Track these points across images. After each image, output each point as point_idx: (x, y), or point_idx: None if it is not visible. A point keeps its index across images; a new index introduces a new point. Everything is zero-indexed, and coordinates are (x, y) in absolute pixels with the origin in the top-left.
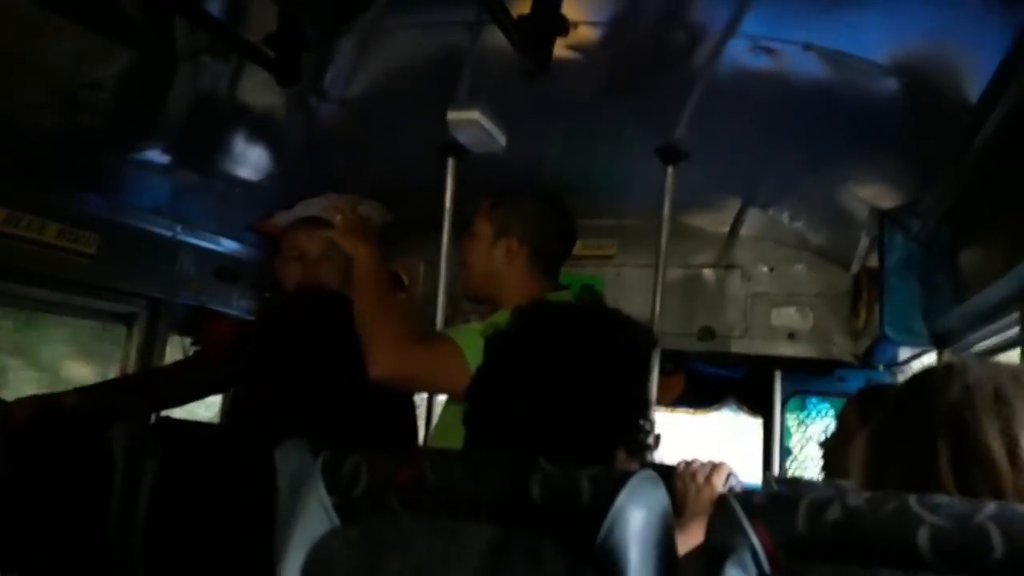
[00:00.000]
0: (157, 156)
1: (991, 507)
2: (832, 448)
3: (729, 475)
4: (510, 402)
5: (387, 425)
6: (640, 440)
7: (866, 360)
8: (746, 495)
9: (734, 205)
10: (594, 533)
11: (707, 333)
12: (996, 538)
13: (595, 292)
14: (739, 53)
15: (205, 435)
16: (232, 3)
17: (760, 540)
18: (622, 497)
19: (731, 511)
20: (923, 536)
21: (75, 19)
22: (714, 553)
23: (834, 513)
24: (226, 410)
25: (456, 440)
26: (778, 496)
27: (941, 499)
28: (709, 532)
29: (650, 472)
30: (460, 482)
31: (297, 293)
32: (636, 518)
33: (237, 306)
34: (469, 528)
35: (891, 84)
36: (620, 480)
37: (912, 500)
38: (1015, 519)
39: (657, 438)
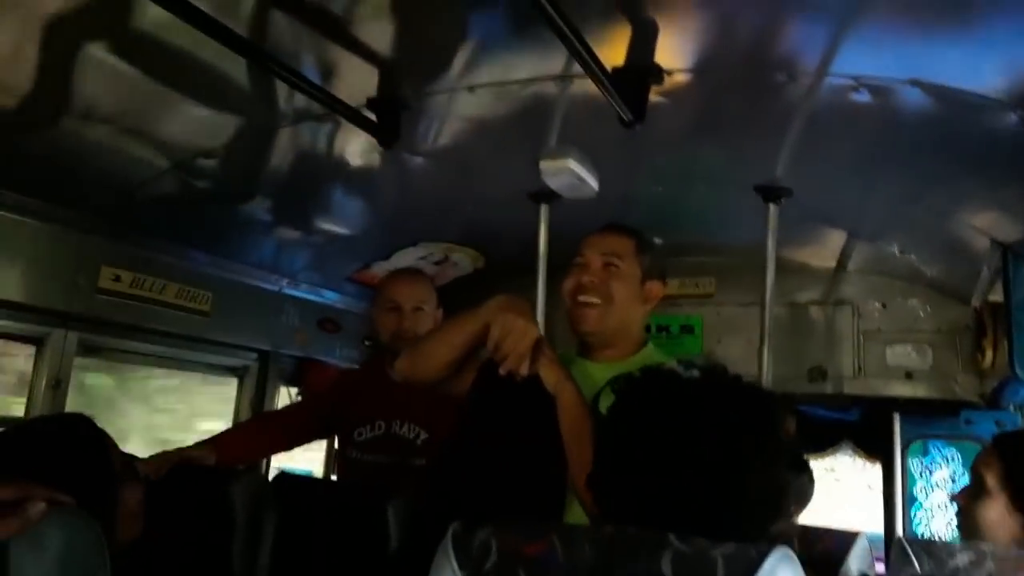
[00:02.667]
0: (261, 214)
1: None
2: (967, 503)
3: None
4: (639, 483)
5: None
6: (776, 514)
7: (994, 401)
8: None
9: (839, 239)
10: None
11: (818, 374)
12: None
13: (718, 362)
14: (840, 90)
15: (320, 490)
16: (329, 68)
17: None
18: None
19: None
20: None
21: (192, 93)
22: None
23: None
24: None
25: None
26: None
27: None
28: None
29: (785, 550)
30: (590, 558)
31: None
32: None
33: (340, 355)
34: None
35: (1007, 117)
36: (755, 560)
37: None
38: None
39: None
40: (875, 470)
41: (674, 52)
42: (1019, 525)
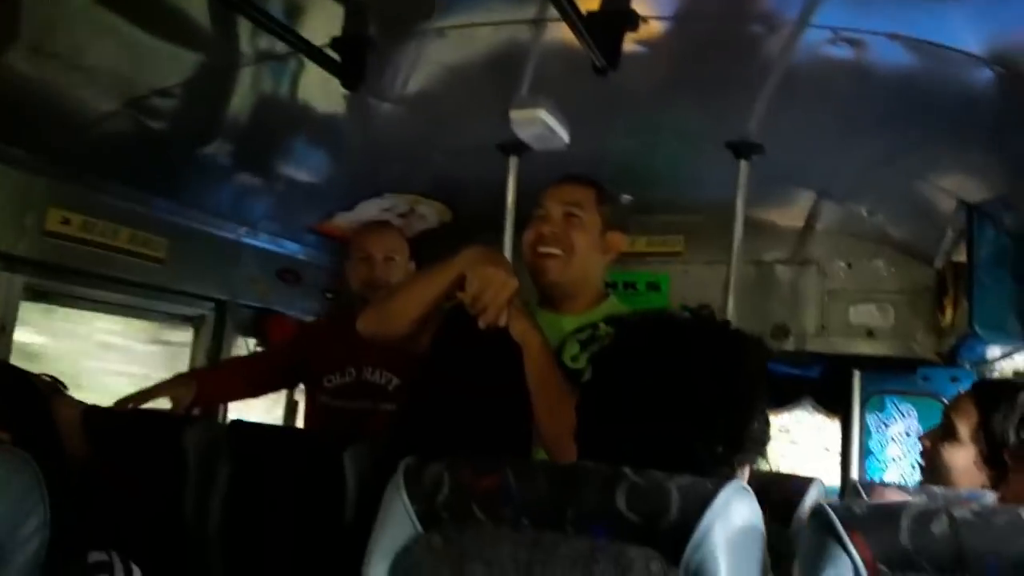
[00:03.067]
0: (220, 158)
1: None
2: (933, 446)
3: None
4: (623, 426)
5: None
6: (755, 455)
7: (951, 358)
8: (845, 506)
9: (808, 198)
10: (683, 544)
11: (781, 331)
12: None
13: (706, 307)
14: (819, 44)
15: (276, 437)
16: (294, 6)
17: (859, 552)
18: (712, 510)
19: (828, 522)
20: None
21: (147, 28)
22: (809, 563)
23: (940, 526)
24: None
25: None
26: (880, 508)
27: None
28: (805, 542)
29: (740, 483)
30: (544, 492)
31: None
32: (726, 530)
33: (300, 307)
34: (554, 537)
35: (984, 75)
36: (710, 492)
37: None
38: None
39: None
40: (831, 430)
41: None
42: (986, 478)
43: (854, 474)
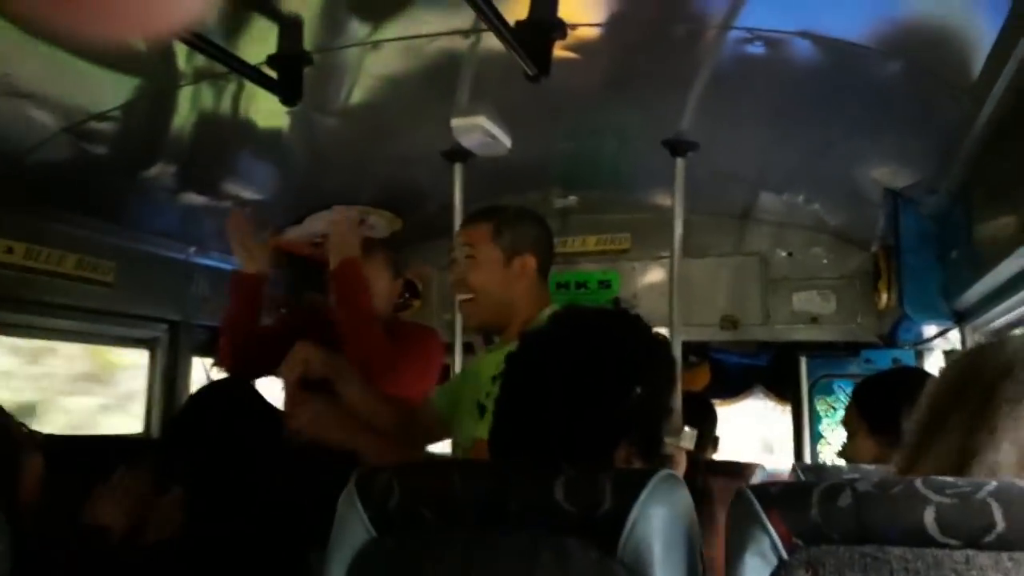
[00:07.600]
0: (165, 180)
1: (992, 484)
2: (846, 445)
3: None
4: (537, 409)
5: None
6: (654, 447)
7: (891, 339)
8: (762, 488)
9: (746, 191)
10: (619, 532)
11: (729, 322)
12: (997, 514)
13: (618, 302)
14: (739, 44)
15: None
16: (229, 24)
17: (776, 529)
18: (643, 498)
19: (748, 504)
20: (929, 515)
21: (79, 52)
22: (734, 544)
23: (845, 500)
24: None
25: None
26: (792, 487)
27: (946, 480)
28: (728, 525)
29: (668, 472)
30: (488, 491)
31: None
32: (657, 517)
33: None
34: (499, 534)
35: (890, 67)
36: (641, 481)
37: (918, 482)
38: (1014, 494)
39: (716, 440)
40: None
41: (578, 6)
42: (875, 445)
43: (807, 457)
